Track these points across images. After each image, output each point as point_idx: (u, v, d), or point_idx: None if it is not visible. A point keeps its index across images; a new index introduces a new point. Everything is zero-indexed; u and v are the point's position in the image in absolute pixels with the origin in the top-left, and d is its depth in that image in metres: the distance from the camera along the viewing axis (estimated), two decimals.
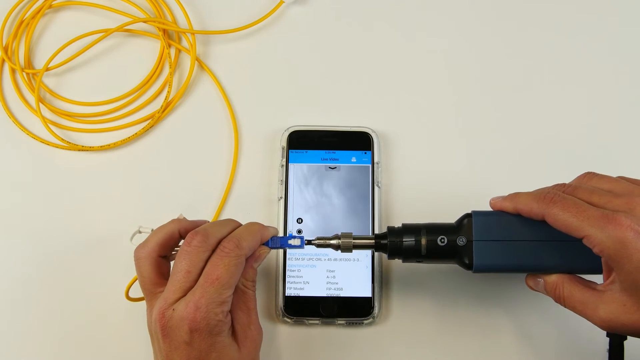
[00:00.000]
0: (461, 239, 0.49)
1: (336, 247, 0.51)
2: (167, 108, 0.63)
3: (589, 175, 0.48)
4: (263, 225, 0.51)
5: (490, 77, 0.64)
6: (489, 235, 0.49)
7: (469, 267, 0.49)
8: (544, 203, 0.46)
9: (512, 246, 0.49)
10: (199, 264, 0.47)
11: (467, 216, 0.50)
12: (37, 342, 0.57)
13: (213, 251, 0.48)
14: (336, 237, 0.51)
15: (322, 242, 0.51)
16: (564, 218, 0.45)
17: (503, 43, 0.65)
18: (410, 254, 0.50)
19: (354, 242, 0.51)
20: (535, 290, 0.50)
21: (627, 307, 0.44)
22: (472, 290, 0.57)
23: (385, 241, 0.51)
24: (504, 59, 0.64)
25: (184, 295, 0.47)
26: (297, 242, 0.51)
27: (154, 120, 0.62)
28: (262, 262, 0.51)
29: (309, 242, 0.51)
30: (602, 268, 0.45)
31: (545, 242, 0.48)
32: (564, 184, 0.48)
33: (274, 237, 0.51)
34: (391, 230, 0.51)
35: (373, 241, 0.51)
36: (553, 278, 0.48)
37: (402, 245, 0.50)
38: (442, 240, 0.50)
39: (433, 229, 0.50)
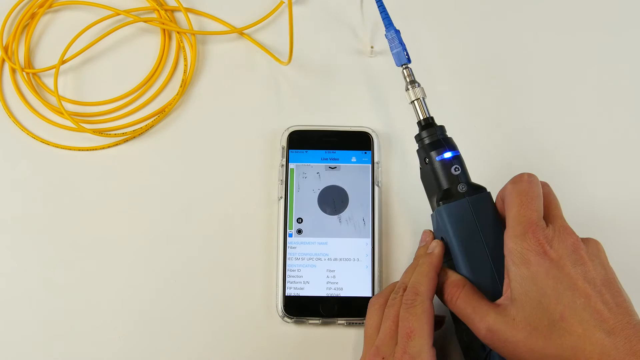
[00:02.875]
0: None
1: None
2: (167, 108, 0.63)
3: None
4: (431, 257, 0.51)
5: (491, 77, 0.64)
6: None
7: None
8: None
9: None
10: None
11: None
12: (36, 341, 0.57)
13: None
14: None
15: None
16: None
17: (504, 44, 0.65)
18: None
19: None
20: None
21: (516, 322, 0.44)
22: None
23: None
24: (505, 59, 0.64)
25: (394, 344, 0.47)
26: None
27: (154, 121, 0.62)
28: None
29: None
30: None
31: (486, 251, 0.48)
32: None
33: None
34: None
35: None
36: (459, 277, 0.49)
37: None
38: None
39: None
